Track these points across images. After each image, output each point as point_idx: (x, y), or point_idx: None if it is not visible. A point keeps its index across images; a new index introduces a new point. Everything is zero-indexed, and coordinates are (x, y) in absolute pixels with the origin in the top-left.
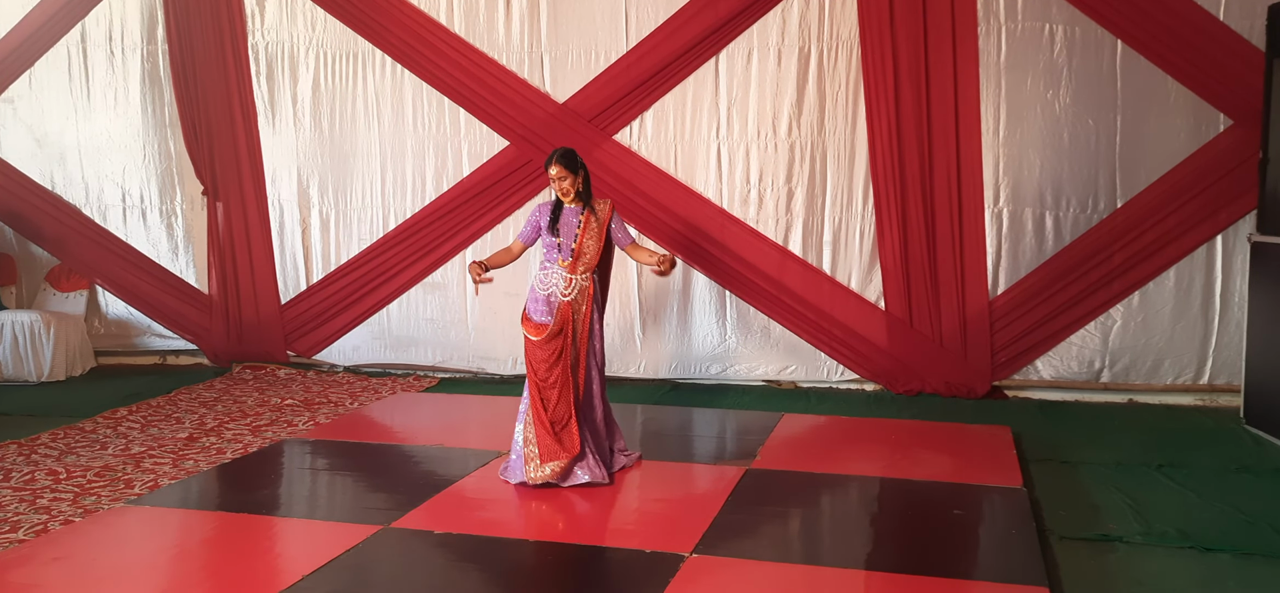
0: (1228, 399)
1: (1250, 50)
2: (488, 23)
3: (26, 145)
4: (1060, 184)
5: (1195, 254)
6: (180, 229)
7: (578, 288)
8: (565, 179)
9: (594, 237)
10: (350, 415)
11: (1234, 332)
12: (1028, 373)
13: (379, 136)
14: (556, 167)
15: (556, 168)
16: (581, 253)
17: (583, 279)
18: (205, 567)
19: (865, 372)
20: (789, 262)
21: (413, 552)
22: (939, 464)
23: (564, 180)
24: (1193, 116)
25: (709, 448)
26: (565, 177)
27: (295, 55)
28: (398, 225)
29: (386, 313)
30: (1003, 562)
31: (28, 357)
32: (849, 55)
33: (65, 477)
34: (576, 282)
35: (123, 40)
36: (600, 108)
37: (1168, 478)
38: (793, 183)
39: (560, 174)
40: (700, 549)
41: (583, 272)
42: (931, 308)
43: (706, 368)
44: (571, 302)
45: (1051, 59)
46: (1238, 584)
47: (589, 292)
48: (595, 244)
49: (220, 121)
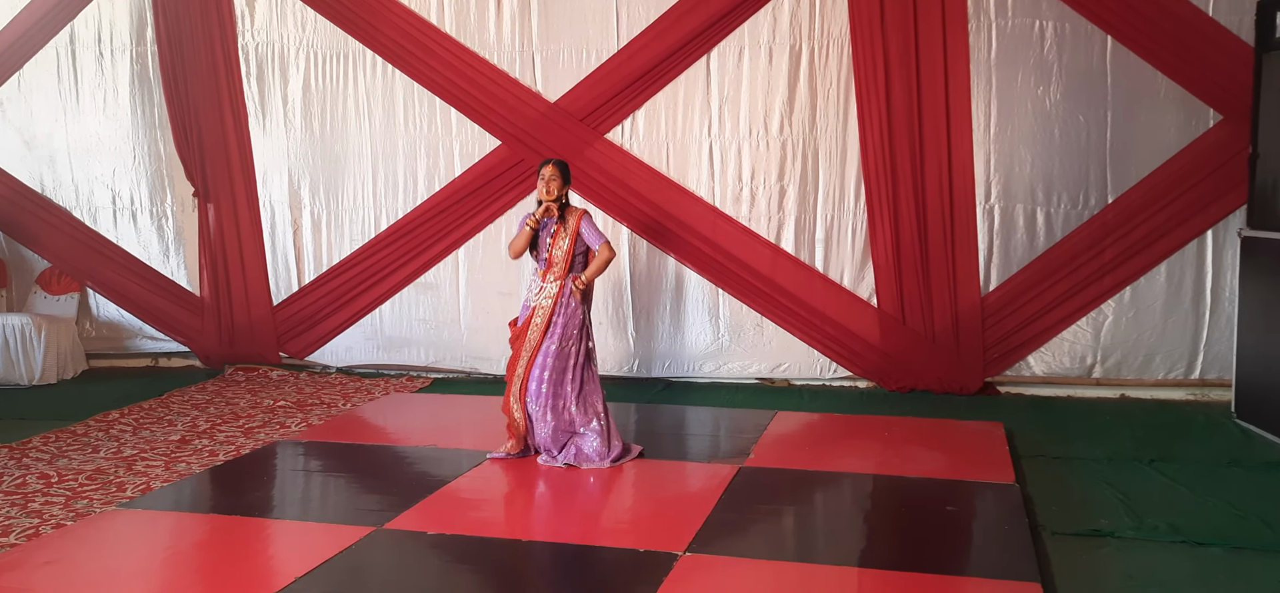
0: (1219, 394)
1: (1239, 45)
2: (478, 22)
3: (16, 148)
4: (1051, 180)
5: (1186, 249)
6: (171, 231)
7: (547, 294)
8: (555, 181)
9: (563, 244)
10: (343, 417)
11: (1225, 326)
12: (1020, 369)
13: (370, 137)
14: (551, 167)
15: (550, 168)
16: (552, 262)
17: (552, 285)
18: (198, 569)
19: (858, 369)
20: (781, 259)
21: (406, 553)
22: (932, 461)
23: (554, 181)
24: (1183, 112)
25: (702, 446)
26: (556, 179)
27: (286, 56)
28: (389, 226)
29: (379, 314)
30: (995, 558)
31: (19, 360)
32: (840, 53)
33: (57, 480)
34: (546, 289)
35: (112, 42)
36: (592, 107)
37: (1159, 473)
38: (785, 181)
39: (552, 174)
40: (693, 548)
41: (553, 279)
42: (924, 305)
43: (699, 366)
44: (538, 305)
45: (1042, 55)
46: (1228, 578)
47: (557, 296)
48: (563, 253)
49: (211, 123)
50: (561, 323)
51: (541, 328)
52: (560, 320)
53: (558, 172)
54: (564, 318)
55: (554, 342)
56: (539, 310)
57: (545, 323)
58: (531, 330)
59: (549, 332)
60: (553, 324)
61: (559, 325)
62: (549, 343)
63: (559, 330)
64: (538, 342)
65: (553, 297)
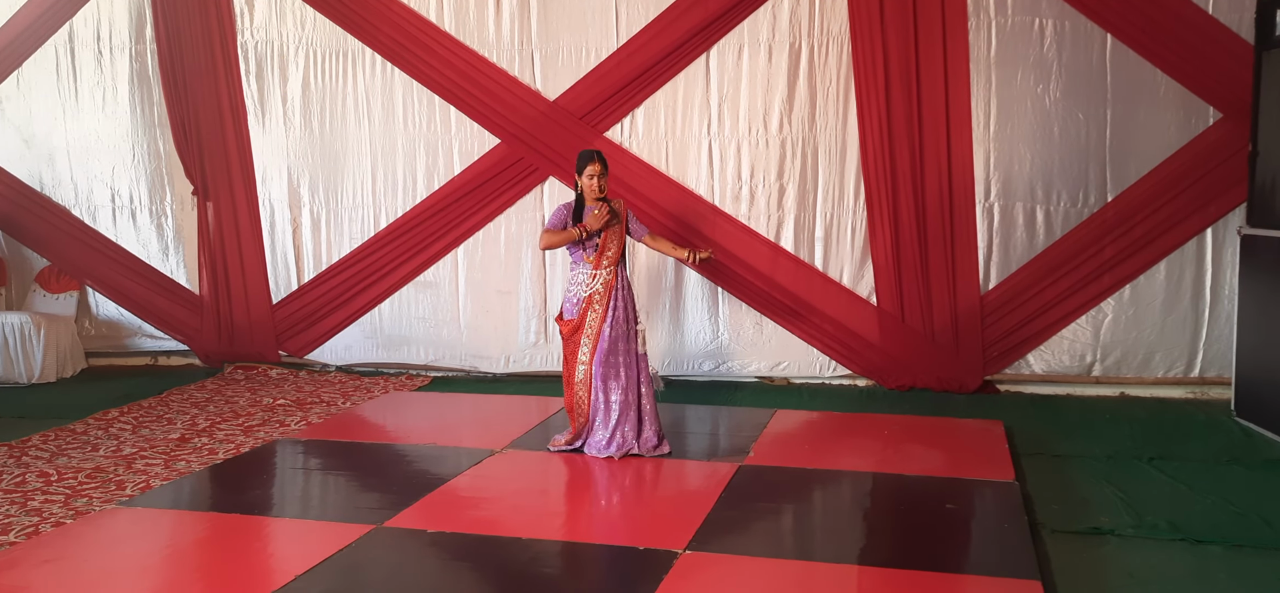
0: (1218, 392)
1: (1239, 43)
2: (478, 20)
3: (15, 146)
4: (1051, 178)
5: (1185, 247)
6: (170, 229)
7: (602, 281)
8: (604, 176)
9: (616, 235)
10: (342, 415)
11: (1224, 324)
12: (1019, 367)
13: (369, 135)
14: (596, 165)
15: (597, 165)
16: (605, 248)
17: (607, 274)
18: (198, 568)
19: (857, 367)
20: (781, 258)
21: (405, 551)
22: (931, 459)
23: (603, 177)
24: (1182, 110)
25: (702, 445)
26: (605, 175)
27: (285, 54)
28: (389, 224)
29: (378, 312)
30: (994, 556)
31: (18, 358)
32: (839, 51)
33: (56, 479)
34: (601, 276)
35: (111, 40)
36: (591, 105)
37: (1159, 471)
38: (784, 179)
39: (600, 171)
40: (693, 546)
41: (607, 267)
42: (923, 303)
43: (699, 365)
44: (595, 294)
45: (1041, 53)
46: (1228, 576)
47: (611, 284)
48: (617, 242)
49: (210, 121)
50: (622, 309)
51: (598, 319)
52: (620, 306)
53: (604, 167)
54: (624, 304)
55: (617, 328)
56: (596, 298)
57: (604, 310)
58: (589, 319)
59: (609, 319)
60: (612, 311)
61: (619, 311)
62: (609, 330)
63: (621, 316)
64: (598, 329)
65: (607, 284)
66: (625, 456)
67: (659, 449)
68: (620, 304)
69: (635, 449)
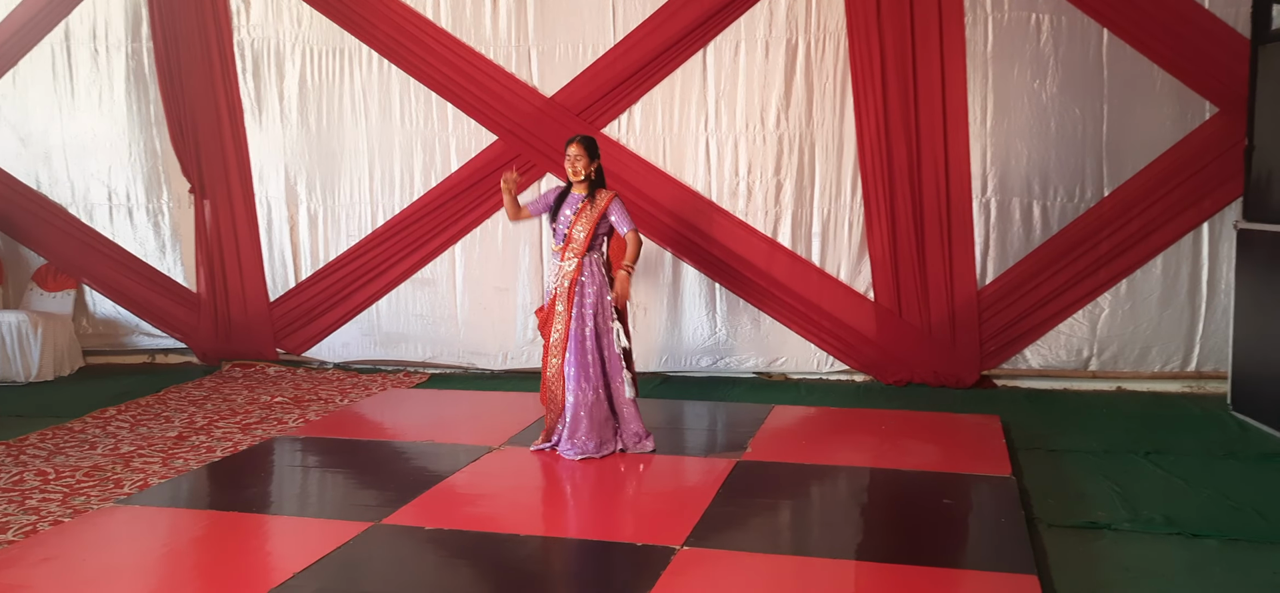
0: (1214, 386)
1: (1235, 38)
2: (474, 17)
3: (11, 145)
4: (1047, 173)
5: (1182, 242)
6: (167, 227)
7: (564, 274)
8: (579, 159)
9: (585, 223)
10: (340, 412)
11: (1220, 319)
12: (1016, 362)
13: (366, 132)
14: (575, 146)
15: (575, 147)
16: (571, 239)
17: (569, 265)
18: (196, 566)
19: (854, 363)
20: (778, 253)
21: (403, 548)
22: (928, 454)
23: (578, 160)
24: (1179, 104)
25: (699, 440)
26: (580, 157)
27: (281, 51)
28: (386, 221)
29: (376, 309)
30: (991, 550)
31: (15, 357)
32: (836, 47)
33: (54, 477)
34: (563, 268)
35: (107, 38)
36: (588, 101)
37: (1155, 465)
38: (781, 175)
39: (577, 153)
40: (691, 542)
41: (571, 257)
42: (920, 298)
43: (696, 360)
44: (560, 286)
45: (1038, 49)
46: (1224, 570)
47: (575, 276)
48: (584, 231)
49: (206, 119)
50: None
51: (565, 312)
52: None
53: (583, 149)
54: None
55: (584, 323)
56: (560, 293)
57: (567, 304)
58: (556, 314)
59: (574, 312)
60: (576, 304)
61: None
62: (575, 325)
63: (589, 310)
64: (565, 324)
65: (570, 275)
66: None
67: (641, 444)
68: (588, 298)
69: (614, 448)
